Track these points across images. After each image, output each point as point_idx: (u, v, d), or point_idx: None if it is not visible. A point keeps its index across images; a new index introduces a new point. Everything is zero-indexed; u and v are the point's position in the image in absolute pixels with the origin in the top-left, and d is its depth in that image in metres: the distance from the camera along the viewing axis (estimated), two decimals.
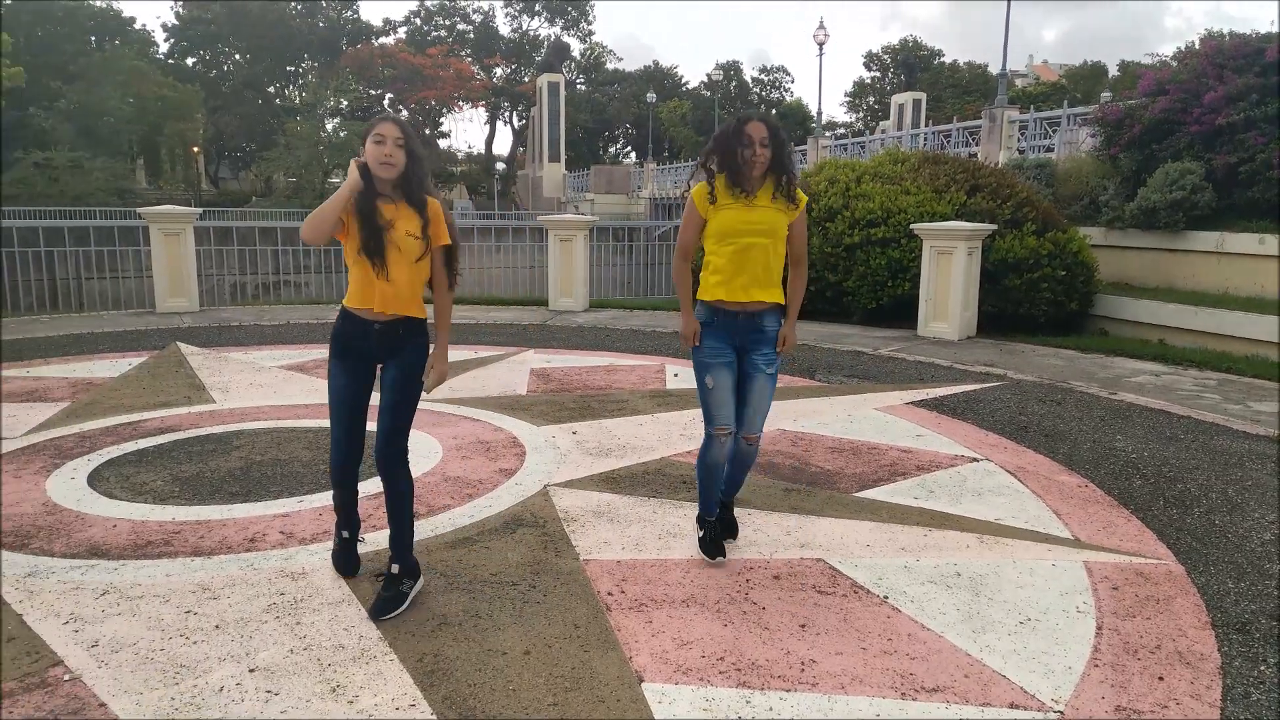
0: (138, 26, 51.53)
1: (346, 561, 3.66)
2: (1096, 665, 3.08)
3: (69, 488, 4.68)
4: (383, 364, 3.47)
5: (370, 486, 4.22)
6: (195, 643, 3.10)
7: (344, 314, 3.43)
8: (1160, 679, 3.00)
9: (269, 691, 2.81)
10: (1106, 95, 24.67)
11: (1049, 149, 16.81)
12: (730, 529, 4.06)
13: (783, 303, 3.80)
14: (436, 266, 3.45)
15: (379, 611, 3.31)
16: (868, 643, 3.20)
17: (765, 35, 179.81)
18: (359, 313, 3.36)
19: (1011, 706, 2.82)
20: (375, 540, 3.88)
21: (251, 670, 2.93)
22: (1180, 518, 4.56)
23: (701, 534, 3.95)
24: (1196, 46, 13.72)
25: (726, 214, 3.64)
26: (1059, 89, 51.39)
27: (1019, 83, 56.71)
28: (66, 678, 2.87)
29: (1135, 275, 12.34)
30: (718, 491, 3.93)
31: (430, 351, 3.50)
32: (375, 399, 3.48)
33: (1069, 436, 6.06)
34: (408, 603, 3.38)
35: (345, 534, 3.65)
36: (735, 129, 3.60)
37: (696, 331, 3.74)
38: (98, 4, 49.26)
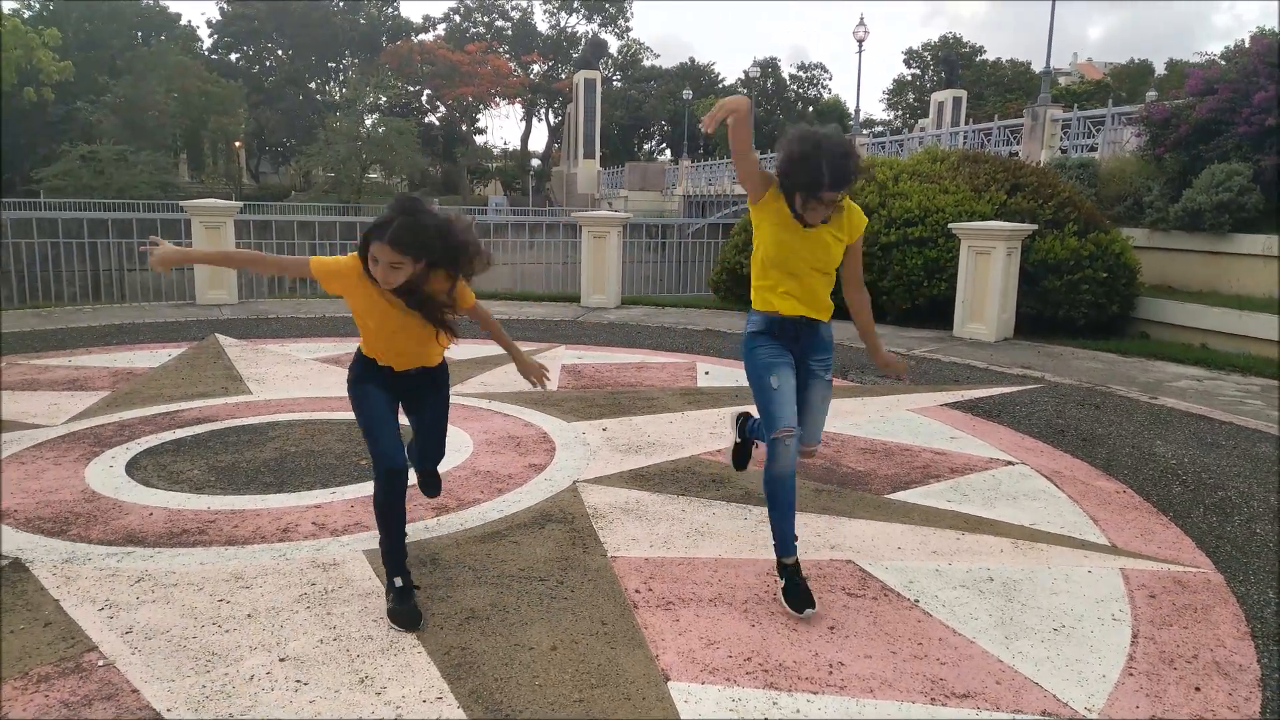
0: (183, 22, 52.46)
1: (413, 615, 3.18)
2: (1131, 674, 3.02)
3: (107, 475, 4.76)
4: (406, 403, 3.47)
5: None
6: (227, 631, 3.14)
7: (365, 360, 3.32)
8: (1197, 690, 2.94)
9: (299, 681, 2.84)
10: (1152, 94, 24.23)
11: (1092, 148, 16.56)
12: (806, 599, 3.38)
13: (829, 319, 3.59)
14: (483, 318, 3.44)
15: (435, 489, 3.91)
16: (898, 646, 3.16)
17: (804, 32, 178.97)
18: (382, 362, 3.31)
19: (1044, 714, 2.77)
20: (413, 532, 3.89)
21: (282, 659, 2.96)
22: (1220, 525, 4.46)
23: (784, 583, 3.41)
24: (1247, 45, 13.43)
25: (785, 237, 3.35)
26: (1103, 87, 50.62)
27: (1062, 81, 55.91)
28: (101, 663, 2.92)
29: (1179, 278, 12.10)
30: (792, 511, 3.43)
31: (448, 386, 3.57)
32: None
33: (1107, 441, 5.96)
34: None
35: (399, 581, 3.23)
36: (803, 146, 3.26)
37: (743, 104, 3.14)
38: (144, 0, 50.14)
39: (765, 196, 3.37)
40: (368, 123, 47.17)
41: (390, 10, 61.41)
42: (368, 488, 4.60)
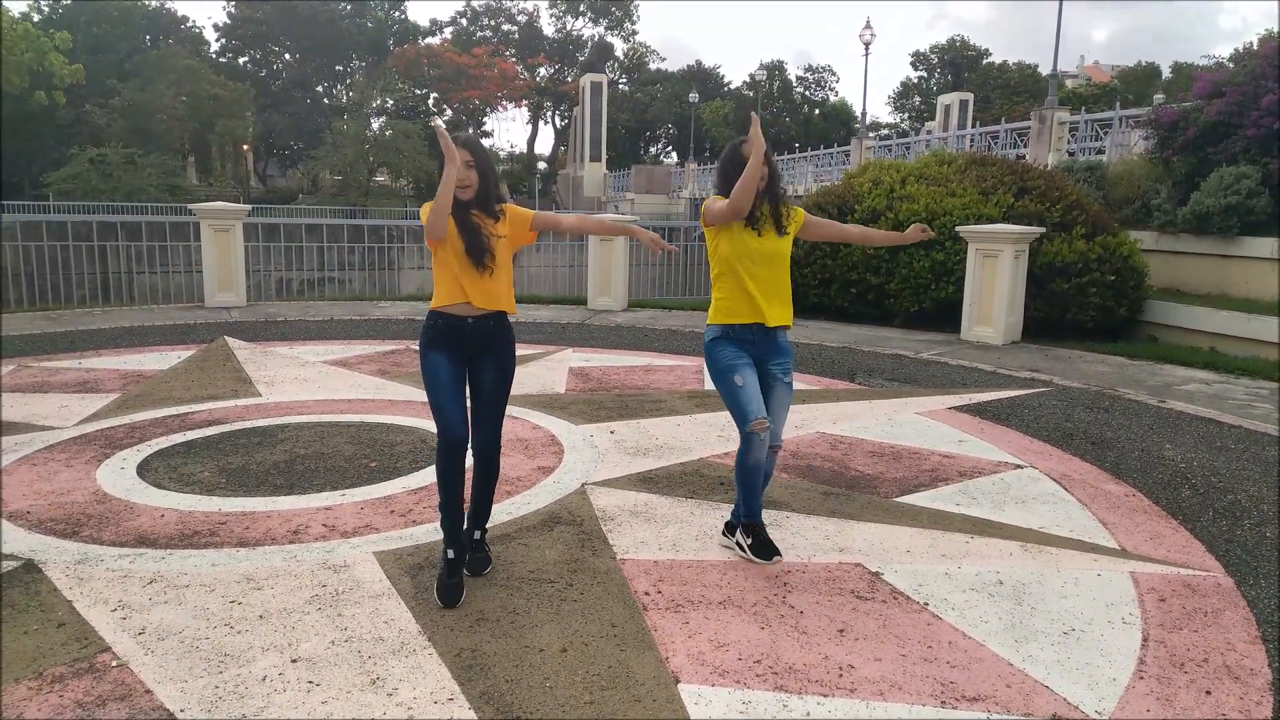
0: (190, 26, 52.62)
1: (454, 593, 3.40)
2: (1142, 678, 3.02)
3: (119, 477, 4.79)
4: (474, 361, 3.58)
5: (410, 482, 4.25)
6: (239, 632, 3.15)
7: (436, 314, 3.53)
8: (1208, 693, 2.94)
9: (310, 682, 2.85)
10: (1159, 97, 24.16)
11: (1100, 151, 16.50)
12: (774, 549, 3.88)
13: (791, 324, 3.88)
14: (548, 222, 3.79)
15: (482, 567, 3.64)
16: (907, 649, 3.16)
17: (810, 35, 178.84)
18: (452, 310, 3.49)
19: (1055, 717, 2.77)
20: (414, 535, 3.90)
21: (294, 660, 2.97)
22: (1230, 529, 4.45)
23: (750, 540, 3.86)
24: (1255, 47, 13.39)
25: (732, 238, 3.75)
26: (1110, 90, 50.44)
27: (1069, 83, 55.76)
28: (114, 664, 2.94)
29: (1187, 281, 12.07)
30: (762, 489, 3.86)
31: (512, 346, 3.74)
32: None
33: (1116, 444, 5.95)
34: None
35: (452, 553, 3.45)
36: (732, 154, 3.75)
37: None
38: (152, 4, 50.37)
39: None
40: (375, 126, 47.30)
41: (397, 14, 61.57)
42: (377, 490, 4.65)
